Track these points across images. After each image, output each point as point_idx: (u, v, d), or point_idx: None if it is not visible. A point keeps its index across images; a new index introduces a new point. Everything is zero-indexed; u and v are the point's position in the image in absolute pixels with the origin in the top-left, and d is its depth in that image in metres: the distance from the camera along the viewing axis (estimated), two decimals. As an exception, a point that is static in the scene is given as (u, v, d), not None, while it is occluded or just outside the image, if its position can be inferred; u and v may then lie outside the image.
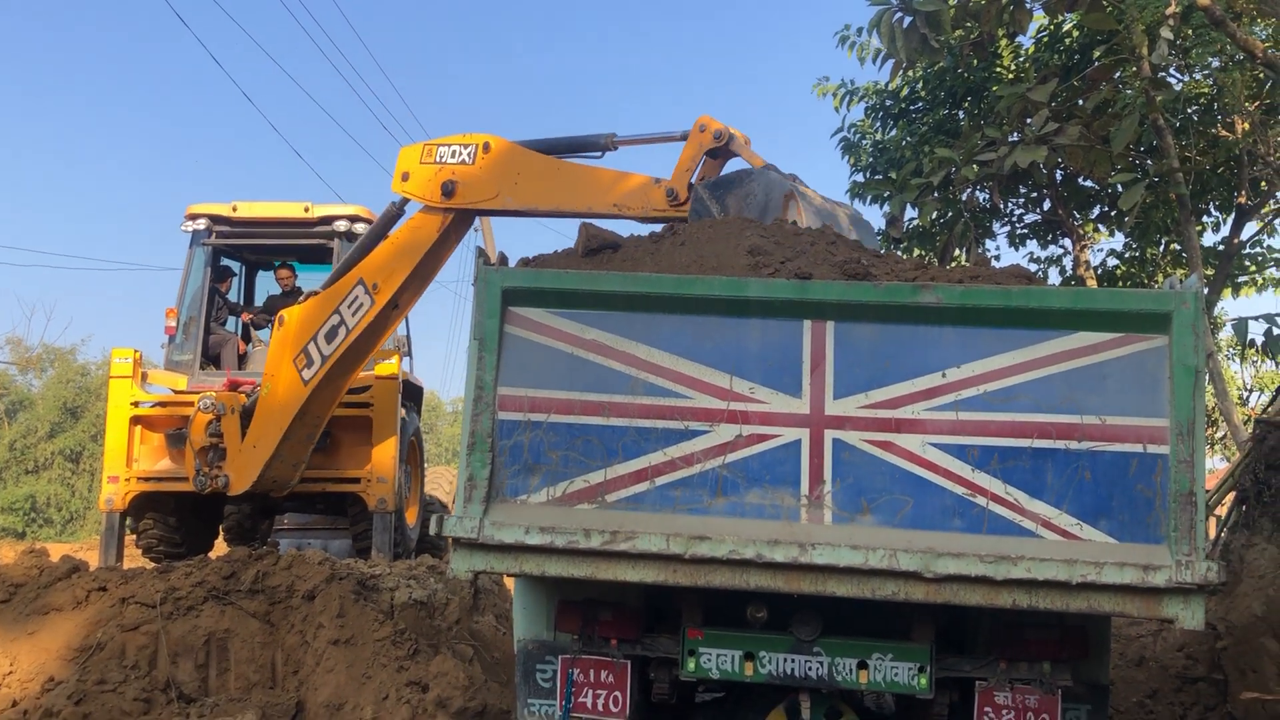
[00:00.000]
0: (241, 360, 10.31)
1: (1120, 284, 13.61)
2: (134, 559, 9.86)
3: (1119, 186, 10.53)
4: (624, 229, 4.56)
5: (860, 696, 4.61)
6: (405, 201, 7.30)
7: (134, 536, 9.72)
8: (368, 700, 5.21)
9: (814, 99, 13.38)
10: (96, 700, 5.22)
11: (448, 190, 6.84)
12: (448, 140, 6.94)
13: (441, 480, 12.18)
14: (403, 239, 7.36)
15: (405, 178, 7.06)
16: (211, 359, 10.13)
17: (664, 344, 3.79)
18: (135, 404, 9.45)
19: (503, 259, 4.06)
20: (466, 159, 6.84)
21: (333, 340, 7.64)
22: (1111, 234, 14.07)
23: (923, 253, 12.93)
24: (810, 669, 3.92)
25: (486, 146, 6.81)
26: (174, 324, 9.90)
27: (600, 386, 3.80)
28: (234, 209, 10.17)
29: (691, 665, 3.98)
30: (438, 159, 6.91)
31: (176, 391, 9.58)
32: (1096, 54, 10.42)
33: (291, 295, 10.80)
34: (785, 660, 3.94)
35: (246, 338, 10.68)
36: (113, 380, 9.48)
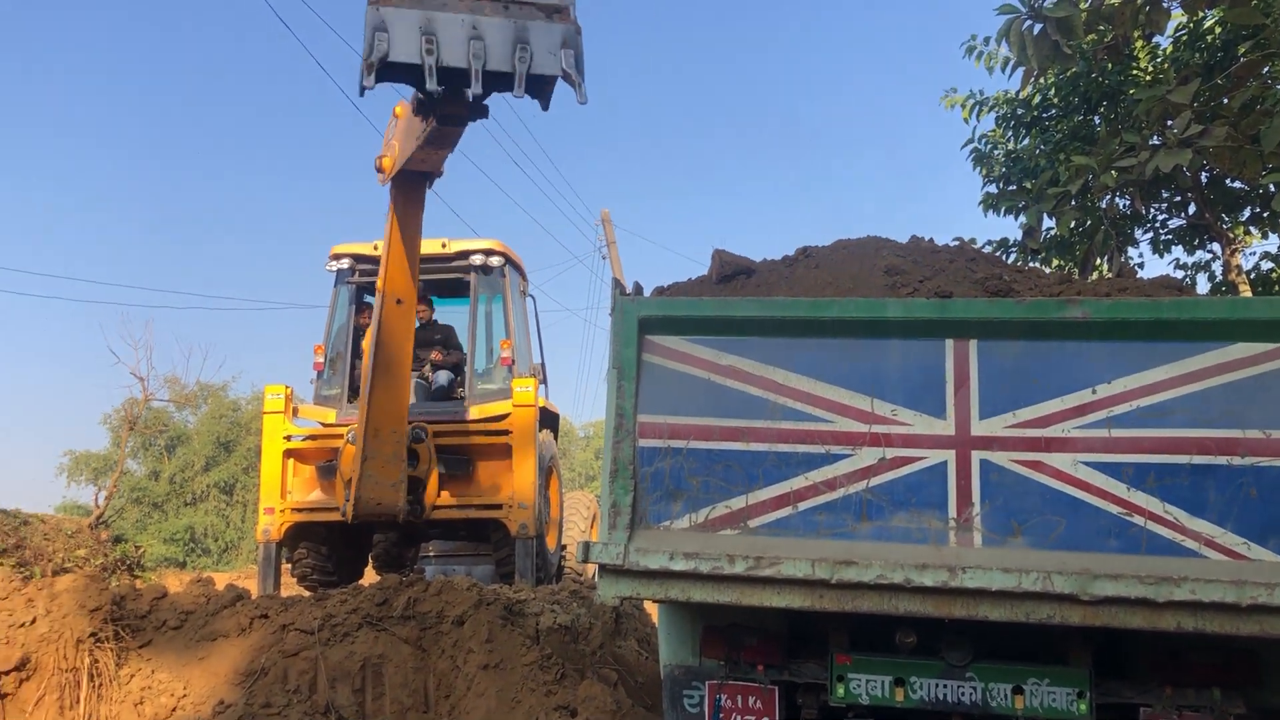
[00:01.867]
0: (385, 393, 10.63)
1: (1277, 289, 12.94)
2: (289, 587, 10.26)
3: (1271, 187, 10.04)
4: (754, 254, 4.58)
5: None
6: None
7: (289, 565, 10.13)
8: (517, 725, 5.31)
9: (941, 111, 13.18)
10: (263, 723, 5.45)
11: (379, 167, 7.02)
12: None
13: (579, 505, 12.32)
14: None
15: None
16: (357, 392, 10.50)
17: (802, 368, 3.79)
18: (287, 438, 9.83)
19: (638, 288, 4.13)
20: (389, 136, 6.99)
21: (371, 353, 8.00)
22: (1264, 236, 13.39)
23: (1062, 264, 12.55)
24: (963, 694, 3.84)
25: (394, 116, 6.93)
26: (321, 360, 10.30)
27: (739, 412, 3.82)
28: (375, 248, 10.54)
29: (841, 691, 3.95)
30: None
31: (325, 425, 9.95)
32: (1241, 50, 9.98)
33: (429, 329, 11.14)
34: (937, 686, 3.87)
35: None
36: (266, 415, 9.89)
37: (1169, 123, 8.79)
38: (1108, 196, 10.96)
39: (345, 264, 10.57)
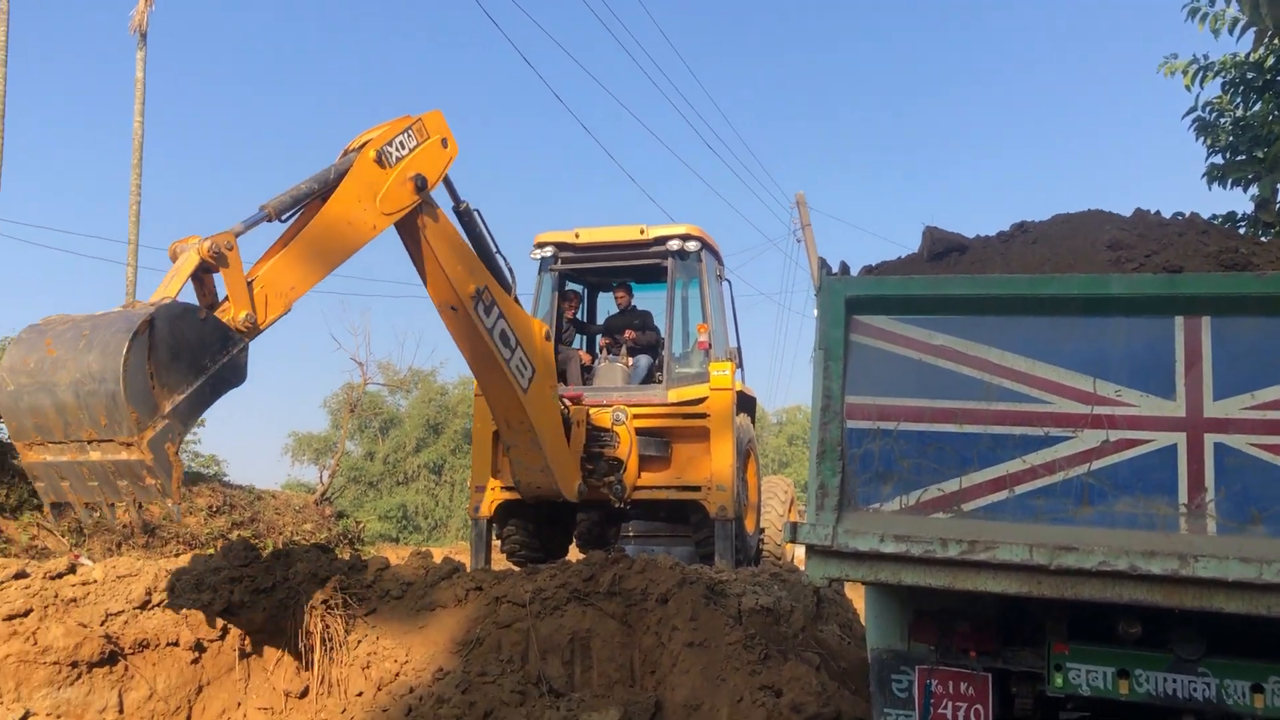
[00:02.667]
0: (587, 376, 10.92)
1: None
2: (499, 562, 10.68)
3: None
4: (965, 232, 4.45)
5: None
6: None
7: (499, 541, 10.55)
8: (723, 702, 5.37)
9: (1160, 80, 12.40)
10: (479, 690, 5.71)
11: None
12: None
13: (776, 489, 12.30)
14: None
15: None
16: (560, 375, 10.80)
17: (1019, 347, 3.68)
18: (497, 419, 10.22)
19: (844, 268, 4.09)
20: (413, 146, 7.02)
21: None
22: None
23: (1299, 236, 11.64)
24: (1195, 690, 3.65)
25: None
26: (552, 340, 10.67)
27: (952, 393, 3.74)
28: (576, 235, 10.82)
29: (1059, 681, 3.82)
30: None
31: (531, 407, 10.29)
32: None
33: (628, 314, 11.36)
34: (1165, 680, 3.69)
35: (592, 353, 11.29)
36: (477, 398, 10.30)
37: None
38: (1352, 163, 10.10)
39: (548, 252, 10.89)
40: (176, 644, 6.36)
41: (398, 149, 6.82)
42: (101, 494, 4.98)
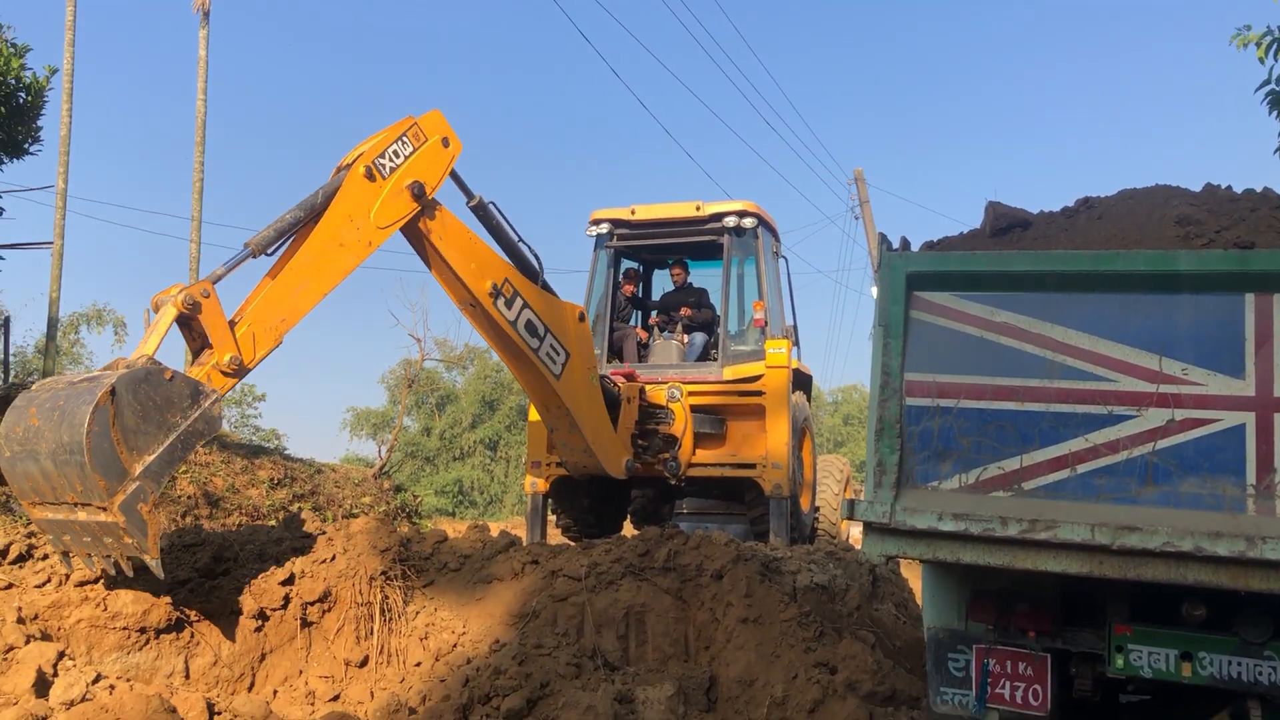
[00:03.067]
0: (643, 353, 10.94)
1: None
2: (554, 537, 10.77)
3: None
4: (1029, 208, 4.37)
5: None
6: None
7: (554, 516, 10.63)
8: (778, 678, 5.38)
9: (1231, 53, 12.06)
10: (535, 662, 5.78)
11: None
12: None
13: (832, 468, 12.25)
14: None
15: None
16: (615, 353, 10.83)
17: (1083, 325, 3.62)
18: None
19: (905, 244, 4.05)
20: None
21: None
22: None
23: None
24: (1261, 674, 3.59)
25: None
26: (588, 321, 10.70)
27: (1013, 371, 3.69)
28: (633, 212, 10.82)
29: (1120, 662, 3.77)
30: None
31: (586, 384, 10.34)
32: None
33: (683, 291, 11.34)
34: (1230, 663, 3.63)
35: (648, 329, 11.29)
36: (531, 375, 10.35)
37: None
38: None
39: (604, 228, 10.90)
40: (240, 612, 6.50)
41: (391, 159, 6.75)
42: (94, 548, 5.36)
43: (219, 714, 5.23)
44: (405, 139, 6.84)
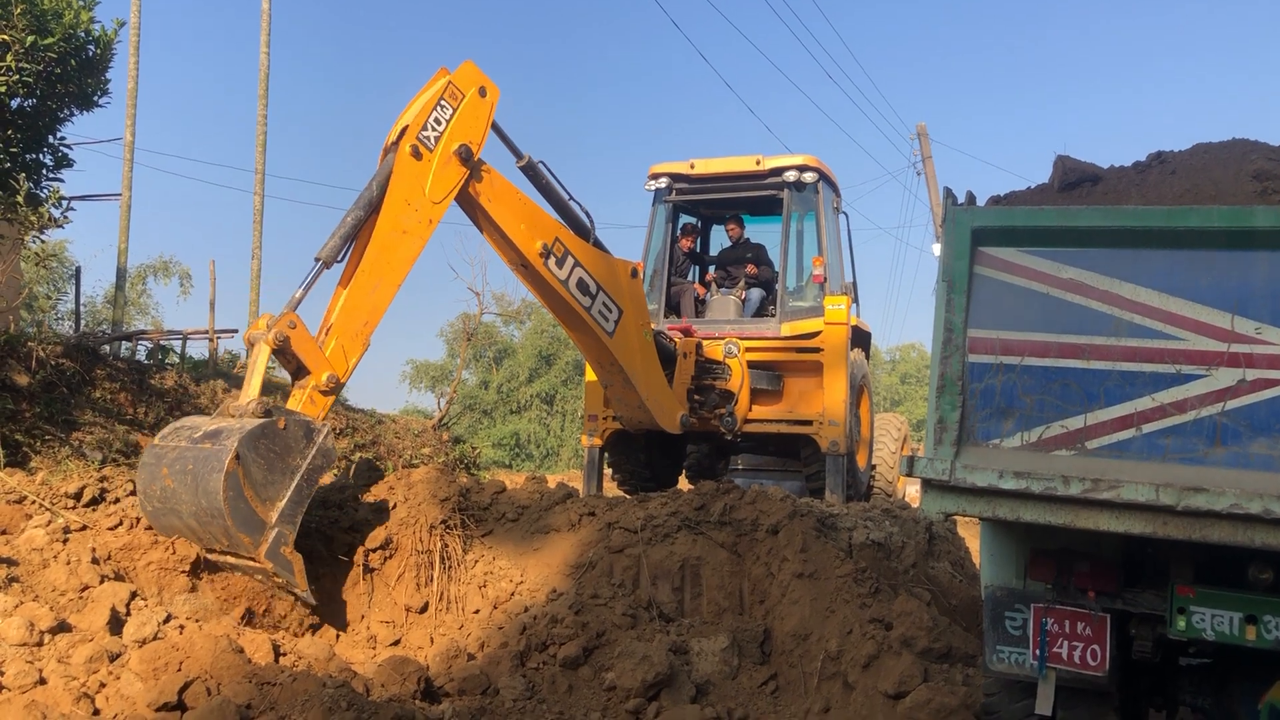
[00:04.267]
0: (700, 309, 10.91)
1: None
2: (610, 490, 10.86)
3: None
4: (1098, 163, 4.27)
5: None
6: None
7: (610, 469, 10.71)
8: (832, 633, 5.41)
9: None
10: (592, 612, 5.86)
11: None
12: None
13: (889, 426, 12.17)
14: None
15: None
16: (673, 308, 10.82)
17: (1152, 281, 3.55)
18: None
19: (970, 198, 3.99)
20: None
21: None
22: None
23: None
24: (1328, 639, 3.53)
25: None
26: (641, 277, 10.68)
27: (1079, 328, 3.63)
28: (692, 166, 10.74)
29: (1182, 624, 3.73)
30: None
31: (644, 339, 10.34)
32: None
33: (740, 247, 11.27)
34: (1296, 627, 3.57)
35: (706, 285, 11.25)
36: (590, 328, 10.38)
37: None
38: None
39: (663, 183, 10.84)
40: (307, 558, 6.66)
41: (433, 128, 6.73)
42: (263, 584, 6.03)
43: (284, 655, 5.37)
44: (444, 102, 6.80)
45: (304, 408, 6.08)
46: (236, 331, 18.48)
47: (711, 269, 11.61)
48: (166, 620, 5.35)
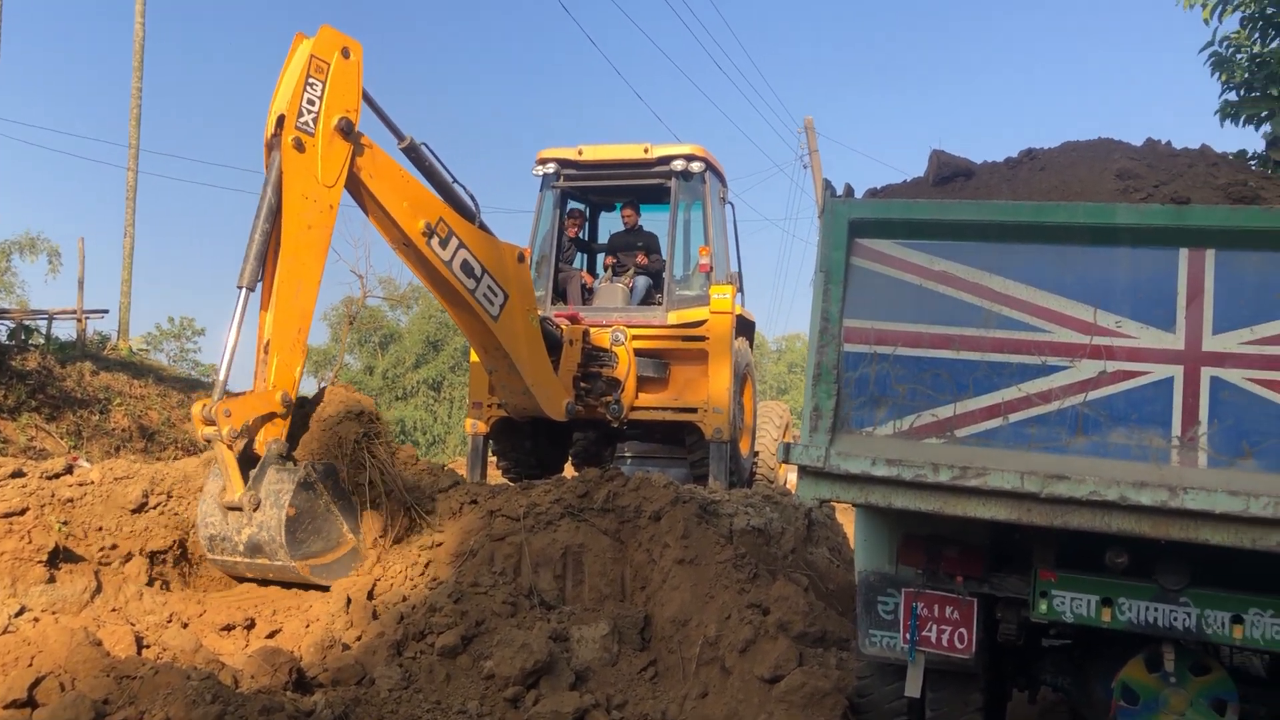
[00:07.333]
0: (587, 296, 10.89)
1: None
2: (494, 478, 10.77)
3: None
4: (974, 159, 4.38)
5: (1222, 653, 4.29)
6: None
7: (494, 457, 10.62)
8: (711, 619, 5.45)
9: (1178, 13, 12.13)
10: (472, 600, 5.79)
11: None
12: None
13: (772, 413, 12.35)
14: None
15: None
16: (560, 295, 10.78)
17: (1020, 275, 3.64)
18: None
19: (849, 191, 4.04)
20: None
21: None
22: None
23: (1309, 176, 11.49)
24: (1176, 619, 3.69)
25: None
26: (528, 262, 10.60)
27: (950, 319, 3.71)
28: (579, 152, 10.70)
29: (1043, 607, 3.86)
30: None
31: (529, 325, 10.27)
32: None
33: (633, 234, 11.28)
34: (1148, 609, 3.73)
35: (593, 272, 11.23)
36: (475, 315, 10.26)
37: None
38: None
39: (551, 168, 10.78)
40: (170, 547, 6.44)
41: (308, 110, 6.55)
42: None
43: (148, 647, 5.18)
44: (312, 80, 6.58)
45: (277, 433, 6.27)
46: (106, 312, 17.75)
47: (603, 255, 11.59)
48: (19, 613, 5.10)
